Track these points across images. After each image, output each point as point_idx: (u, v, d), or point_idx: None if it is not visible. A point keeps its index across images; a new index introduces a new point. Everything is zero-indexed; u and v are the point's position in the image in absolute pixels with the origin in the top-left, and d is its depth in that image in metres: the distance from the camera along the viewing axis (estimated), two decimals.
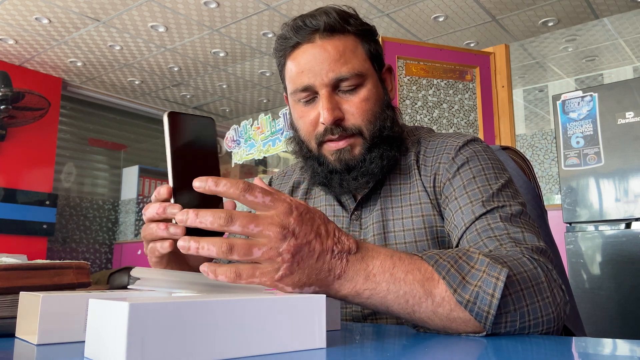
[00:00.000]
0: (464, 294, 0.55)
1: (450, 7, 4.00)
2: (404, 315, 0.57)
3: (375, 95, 0.83)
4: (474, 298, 0.55)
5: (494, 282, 0.56)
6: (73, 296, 0.55)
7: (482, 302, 0.55)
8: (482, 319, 0.55)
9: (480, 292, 0.56)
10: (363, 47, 0.83)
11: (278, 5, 3.95)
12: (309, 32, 0.80)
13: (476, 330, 0.57)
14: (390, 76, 0.91)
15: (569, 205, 2.30)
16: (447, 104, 3.15)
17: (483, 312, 0.55)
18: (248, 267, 0.50)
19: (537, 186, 1.09)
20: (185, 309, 0.41)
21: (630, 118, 2.18)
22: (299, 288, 0.52)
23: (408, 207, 0.85)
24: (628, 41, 4.67)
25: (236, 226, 0.49)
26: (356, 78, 0.80)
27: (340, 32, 0.80)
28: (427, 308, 0.56)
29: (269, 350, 0.45)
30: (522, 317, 0.57)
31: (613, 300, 2.12)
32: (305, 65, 0.80)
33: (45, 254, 5.08)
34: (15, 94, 4.84)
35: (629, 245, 2.13)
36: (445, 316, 0.56)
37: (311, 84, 0.80)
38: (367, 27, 0.85)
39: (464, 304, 0.55)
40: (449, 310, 0.56)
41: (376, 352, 0.49)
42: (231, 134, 5.06)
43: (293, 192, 1.00)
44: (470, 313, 0.55)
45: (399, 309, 0.56)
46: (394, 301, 0.55)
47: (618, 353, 0.49)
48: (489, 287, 0.56)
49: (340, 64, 0.79)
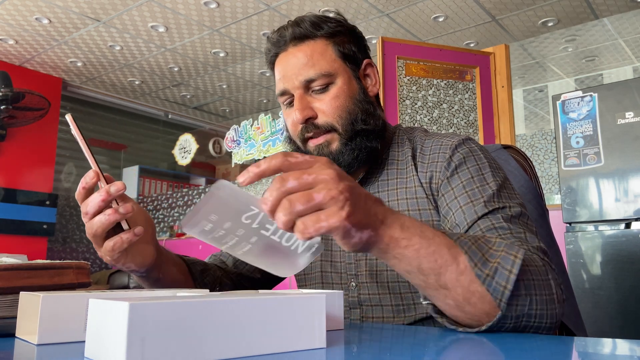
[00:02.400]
0: (484, 269, 0.58)
1: (450, 7, 4.00)
2: (432, 275, 0.58)
3: (346, 92, 0.88)
4: (492, 272, 0.58)
5: (512, 259, 0.59)
6: (73, 296, 0.55)
7: (500, 277, 0.58)
8: (499, 295, 0.57)
9: (499, 267, 0.59)
10: (333, 48, 0.89)
11: (278, 5, 3.95)
12: (283, 42, 0.89)
13: (490, 310, 0.58)
14: (372, 70, 0.95)
15: (569, 205, 2.30)
16: (447, 104, 3.15)
17: (500, 286, 0.58)
18: (312, 215, 0.50)
19: (538, 185, 1.09)
20: (185, 309, 0.41)
21: (630, 118, 2.18)
22: (361, 232, 0.53)
23: (404, 201, 0.87)
24: (628, 41, 4.67)
25: (291, 181, 0.50)
26: (324, 78, 0.86)
27: (310, 38, 0.88)
28: (452, 272, 0.58)
29: (269, 350, 0.45)
30: (531, 305, 0.59)
31: (613, 300, 2.12)
32: (281, 72, 0.89)
33: (45, 254, 5.08)
34: (15, 94, 4.84)
35: (629, 245, 2.13)
36: (466, 286, 0.58)
37: (286, 88, 0.88)
38: (340, 30, 0.90)
39: (482, 278, 0.58)
40: (469, 281, 0.58)
41: (376, 352, 0.49)
42: (231, 134, 5.06)
43: None
44: (488, 288, 0.58)
45: (428, 267, 0.57)
46: (425, 257, 0.57)
47: (618, 353, 0.49)
48: (508, 263, 0.59)
49: (308, 67, 0.86)
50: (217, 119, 7.09)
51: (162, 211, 5.87)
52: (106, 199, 0.67)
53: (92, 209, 0.67)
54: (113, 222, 0.68)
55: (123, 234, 0.70)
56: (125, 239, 0.69)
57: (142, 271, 0.78)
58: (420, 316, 0.83)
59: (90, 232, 0.69)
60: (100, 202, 0.67)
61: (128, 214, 0.69)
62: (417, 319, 0.83)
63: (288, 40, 0.88)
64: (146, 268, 0.78)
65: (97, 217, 0.68)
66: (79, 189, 0.69)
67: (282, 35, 0.89)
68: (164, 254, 0.85)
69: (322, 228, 0.50)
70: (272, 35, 0.91)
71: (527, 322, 0.60)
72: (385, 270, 0.86)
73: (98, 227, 0.68)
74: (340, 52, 0.89)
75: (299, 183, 0.50)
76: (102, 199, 0.67)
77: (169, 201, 5.85)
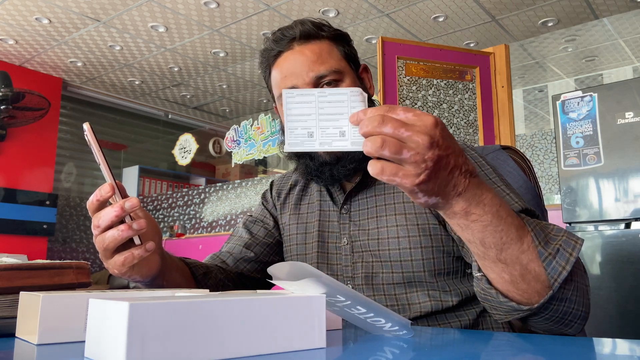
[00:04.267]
0: (547, 248, 0.61)
1: (450, 7, 4.00)
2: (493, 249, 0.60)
3: None
4: (554, 252, 0.61)
5: (573, 244, 0.62)
6: (73, 296, 0.55)
7: (561, 258, 0.61)
8: (556, 274, 0.60)
9: (560, 249, 0.62)
10: (338, 49, 0.91)
11: (278, 5, 3.95)
12: (288, 41, 0.89)
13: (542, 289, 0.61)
14: (367, 75, 0.98)
15: (569, 205, 2.30)
16: (447, 104, 3.15)
17: (560, 266, 0.60)
18: (393, 165, 0.52)
19: (537, 186, 1.09)
20: (185, 308, 0.41)
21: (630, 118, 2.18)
22: (428, 197, 0.55)
23: (401, 205, 0.88)
24: (628, 41, 4.67)
25: (388, 127, 0.51)
26: (334, 74, 0.88)
27: (315, 37, 0.90)
28: (514, 251, 0.60)
29: (269, 350, 0.45)
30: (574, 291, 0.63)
31: (613, 300, 2.12)
32: (287, 70, 0.88)
33: (45, 254, 5.08)
34: (15, 94, 4.84)
35: (629, 245, 2.13)
36: (524, 264, 0.60)
37: (295, 85, 0.88)
38: (340, 33, 0.93)
39: (543, 257, 0.60)
40: (529, 259, 0.60)
41: (376, 352, 0.49)
42: (231, 134, 5.06)
43: (291, 190, 1.07)
44: (547, 268, 0.60)
45: (492, 242, 0.59)
46: (491, 234, 0.59)
47: (618, 353, 0.49)
48: (569, 246, 0.62)
49: (318, 64, 0.87)
50: (217, 119, 7.09)
51: (162, 211, 5.87)
52: (120, 215, 0.66)
53: (105, 223, 0.67)
54: (126, 239, 0.67)
55: (134, 249, 0.69)
56: (137, 254, 0.69)
57: (147, 281, 0.78)
58: (415, 315, 0.84)
59: (101, 245, 0.68)
60: (113, 217, 0.66)
61: (142, 230, 0.68)
62: (411, 317, 0.84)
63: (296, 38, 0.89)
64: (150, 278, 0.77)
65: (109, 232, 0.67)
66: (92, 199, 0.68)
67: (287, 34, 0.89)
68: (168, 260, 0.84)
69: (394, 181, 0.53)
70: (275, 34, 0.91)
71: (569, 308, 0.63)
72: (380, 273, 0.86)
73: (110, 242, 0.67)
74: (345, 53, 0.91)
75: (393, 132, 0.51)
76: (115, 214, 0.66)
77: (169, 201, 5.85)
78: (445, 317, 0.85)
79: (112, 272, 0.71)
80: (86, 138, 0.66)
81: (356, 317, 0.56)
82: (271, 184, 1.13)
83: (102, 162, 0.66)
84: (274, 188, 1.11)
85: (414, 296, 0.85)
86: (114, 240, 0.67)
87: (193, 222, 5.48)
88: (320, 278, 0.49)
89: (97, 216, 0.68)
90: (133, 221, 0.68)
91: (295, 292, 0.53)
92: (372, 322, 0.56)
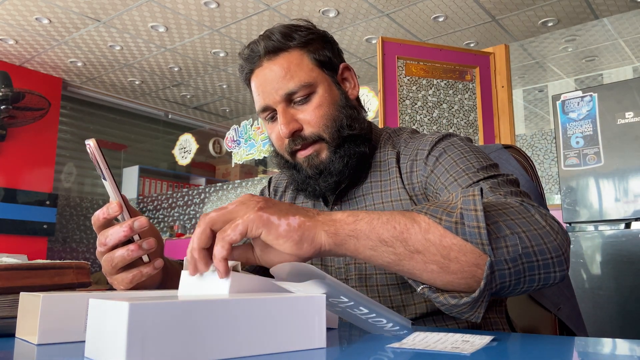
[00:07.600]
0: (449, 219, 0.56)
1: (450, 7, 4.00)
2: (397, 243, 0.57)
3: (328, 99, 0.87)
4: (459, 218, 0.56)
5: (471, 199, 0.57)
6: (73, 296, 0.55)
7: (468, 219, 0.55)
8: (476, 237, 0.55)
9: (462, 212, 0.56)
10: (309, 57, 0.87)
11: (278, 5, 3.95)
12: (256, 57, 0.87)
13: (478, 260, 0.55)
14: (350, 73, 0.94)
15: (569, 205, 2.30)
16: (447, 104, 3.15)
17: (473, 228, 0.55)
18: (224, 229, 0.55)
19: (539, 185, 1.09)
20: (185, 308, 0.41)
21: (629, 118, 2.18)
22: (283, 217, 0.56)
23: (389, 204, 0.87)
24: (628, 41, 4.67)
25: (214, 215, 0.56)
26: (305, 89, 0.85)
27: (283, 50, 0.86)
28: (417, 233, 0.56)
29: (269, 350, 0.45)
30: (523, 242, 0.56)
31: (613, 300, 2.12)
32: (259, 88, 0.87)
33: (45, 254, 5.08)
34: (15, 94, 4.84)
35: (628, 245, 2.13)
36: (438, 242, 0.56)
37: (267, 103, 0.87)
38: (312, 38, 0.89)
39: (452, 228, 0.56)
40: (439, 236, 0.56)
41: (376, 351, 0.49)
42: (231, 134, 5.06)
43: (286, 189, 1.06)
44: (463, 237, 0.55)
45: (390, 236, 0.57)
46: (381, 227, 0.57)
47: (618, 353, 0.49)
48: (469, 204, 0.56)
49: (286, 80, 0.84)
50: (217, 119, 7.09)
51: (162, 211, 5.87)
52: (128, 235, 0.65)
53: (112, 242, 0.66)
54: (135, 258, 0.67)
55: (143, 267, 0.68)
56: (145, 272, 0.68)
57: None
58: (410, 317, 0.83)
59: (109, 264, 0.67)
60: (122, 237, 0.65)
61: (151, 250, 0.67)
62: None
63: (262, 55, 0.86)
64: (152, 289, 0.77)
65: (119, 251, 0.66)
66: (98, 216, 0.67)
67: (255, 51, 0.87)
68: (170, 269, 0.83)
69: (238, 225, 0.54)
70: (244, 51, 0.89)
71: (530, 263, 0.56)
72: (374, 274, 0.86)
73: (119, 262, 0.66)
74: (316, 60, 0.88)
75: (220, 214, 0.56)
76: (124, 234, 0.65)
77: (169, 201, 5.85)
78: (442, 318, 0.84)
79: (117, 288, 0.70)
80: (90, 154, 0.64)
81: (358, 317, 0.56)
82: (269, 180, 1.13)
83: (109, 178, 0.64)
84: (271, 185, 1.11)
85: (408, 297, 0.84)
86: (122, 260, 0.66)
87: (193, 222, 5.48)
88: (324, 279, 0.49)
89: (104, 234, 0.67)
90: (142, 240, 0.67)
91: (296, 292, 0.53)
92: (374, 322, 0.56)
